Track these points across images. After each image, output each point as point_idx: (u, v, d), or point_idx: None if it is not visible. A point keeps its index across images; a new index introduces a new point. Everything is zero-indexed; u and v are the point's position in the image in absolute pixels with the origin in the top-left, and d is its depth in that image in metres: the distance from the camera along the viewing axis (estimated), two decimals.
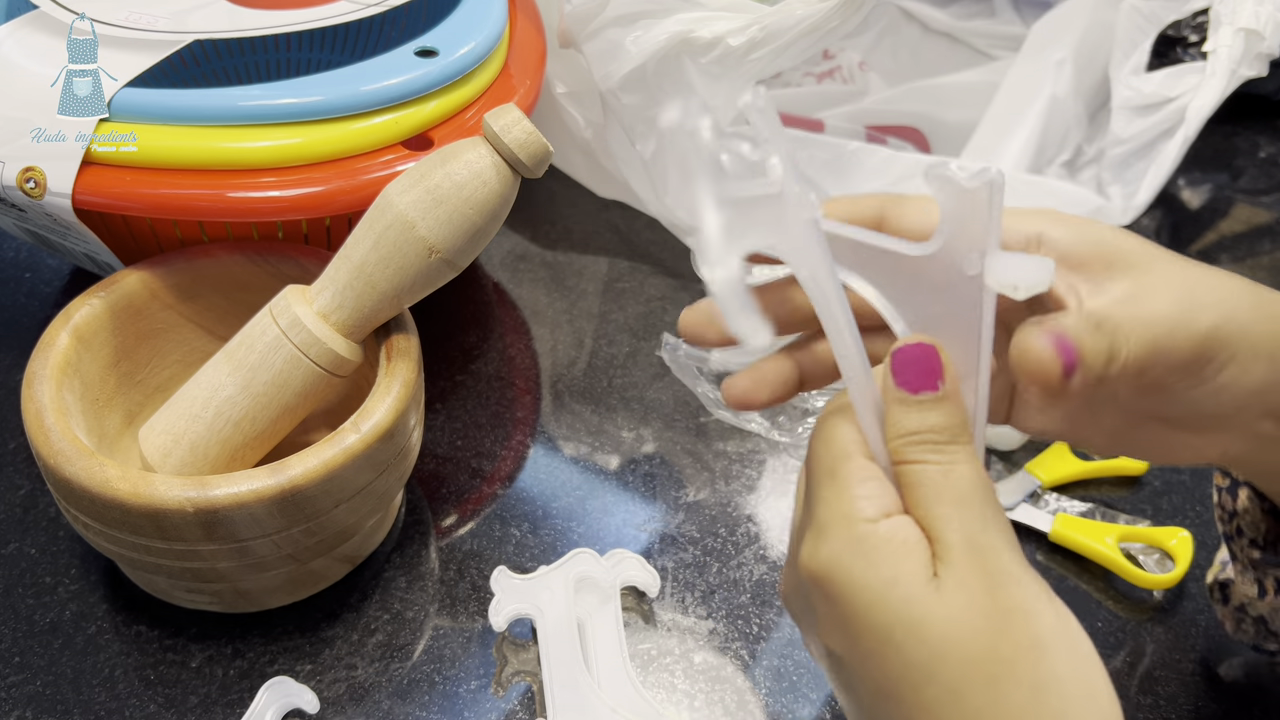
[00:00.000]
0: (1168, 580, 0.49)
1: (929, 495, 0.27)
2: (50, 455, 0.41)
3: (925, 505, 0.27)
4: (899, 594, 0.26)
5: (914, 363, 0.28)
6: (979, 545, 0.27)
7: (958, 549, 0.27)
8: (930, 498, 0.27)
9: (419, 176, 0.43)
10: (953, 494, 0.27)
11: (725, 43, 0.56)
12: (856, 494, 0.28)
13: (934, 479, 0.28)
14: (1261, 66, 0.60)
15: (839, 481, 0.28)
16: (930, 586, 0.26)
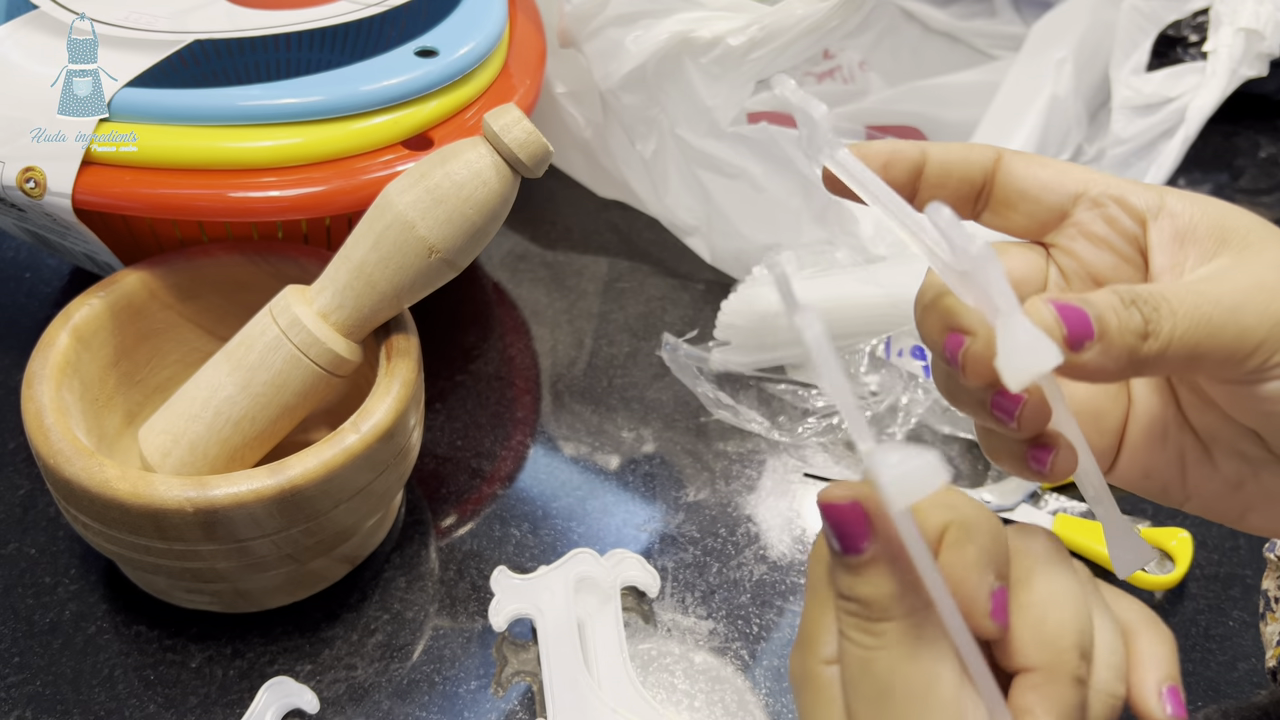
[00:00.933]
0: (1168, 581, 0.49)
1: (848, 679, 0.25)
2: (50, 455, 0.41)
3: (846, 689, 0.25)
4: None
5: (840, 520, 0.24)
6: None
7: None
8: (848, 683, 0.25)
9: (419, 176, 0.43)
10: (867, 689, 0.24)
11: (725, 42, 0.56)
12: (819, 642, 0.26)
13: (853, 664, 0.24)
14: (1262, 66, 0.60)
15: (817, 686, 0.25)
16: None
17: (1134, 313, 0.25)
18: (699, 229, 0.62)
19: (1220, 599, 0.49)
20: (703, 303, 0.62)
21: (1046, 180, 0.29)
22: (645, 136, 0.60)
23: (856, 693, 0.24)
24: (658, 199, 0.63)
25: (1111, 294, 0.25)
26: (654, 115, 0.59)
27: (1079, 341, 0.25)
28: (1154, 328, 0.25)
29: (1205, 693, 0.46)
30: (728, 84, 0.57)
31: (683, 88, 0.57)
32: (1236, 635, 0.48)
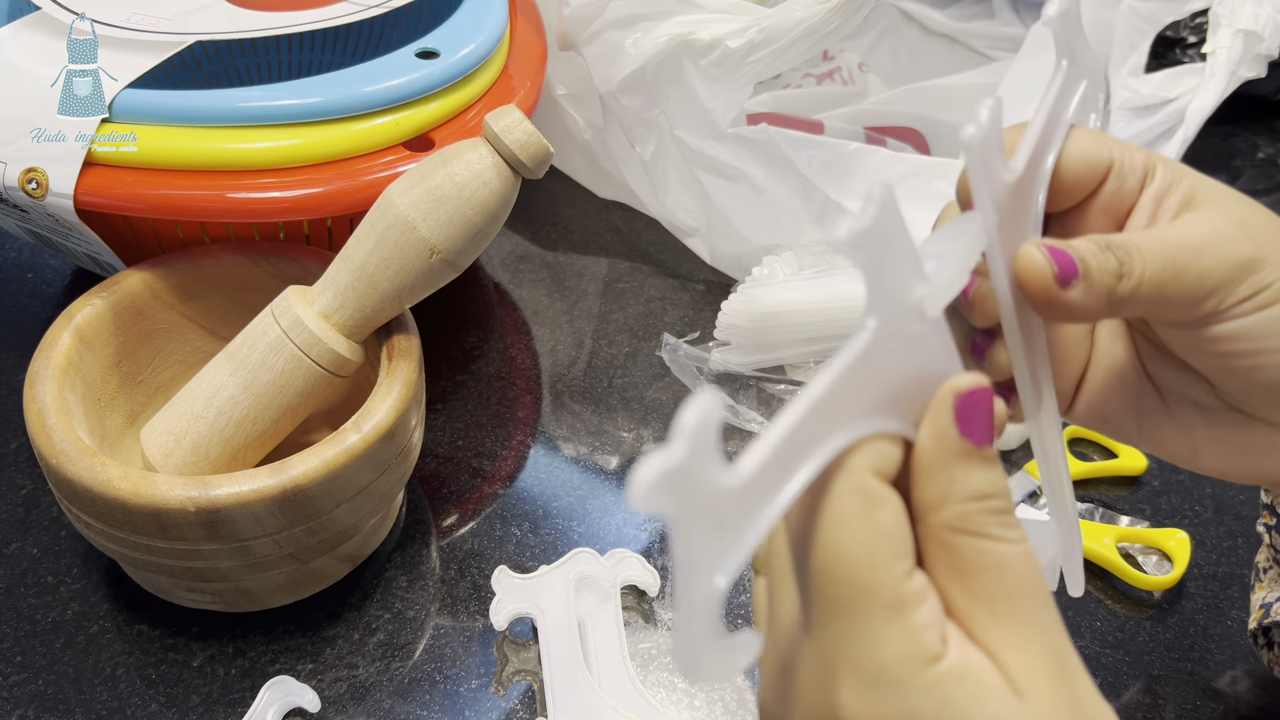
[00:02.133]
0: (1166, 581, 0.49)
1: (1007, 587, 0.23)
2: (52, 455, 0.41)
3: (1003, 600, 0.22)
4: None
5: (982, 409, 0.24)
6: (1060, 654, 0.23)
7: (1040, 663, 0.22)
8: (1010, 590, 0.23)
9: (420, 177, 0.43)
10: (1029, 587, 0.23)
11: (724, 45, 0.56)
12: (922, 625, 0.22)
13: (1014, 565, 0.23)
14: (1260, 68, 0.61)
15: (901, 613, 0.22)
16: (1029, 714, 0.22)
17: (1110, 256, 0.28)
18: (699, 230, 0.62)
19: (1218, 599, 0.49)
20: (703, 303, 0.62)
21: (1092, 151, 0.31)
22: (645, 138, 0.60)
23: (1026, 598, 0.22)
24: (657, 200, 0.63)
25: (1088, 241, 0.28)
26: (653, 117, 0.59)
27: (1067, 279, 0.27)
28: (1127, 269, 0.28)
29: (1204, 692, 0.46)
30: (727, 86, 0.57)
31: (682, 90, 0.57)
32: (1235, 635, 0.48)
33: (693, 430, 0.20)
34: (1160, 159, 0.31)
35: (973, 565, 0.23)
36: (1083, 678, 0.23)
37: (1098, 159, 0.30)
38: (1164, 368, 0.32)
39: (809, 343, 0.56)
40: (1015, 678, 0.22)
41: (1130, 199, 0.30)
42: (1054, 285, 0.27)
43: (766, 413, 0.56)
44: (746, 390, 0.57)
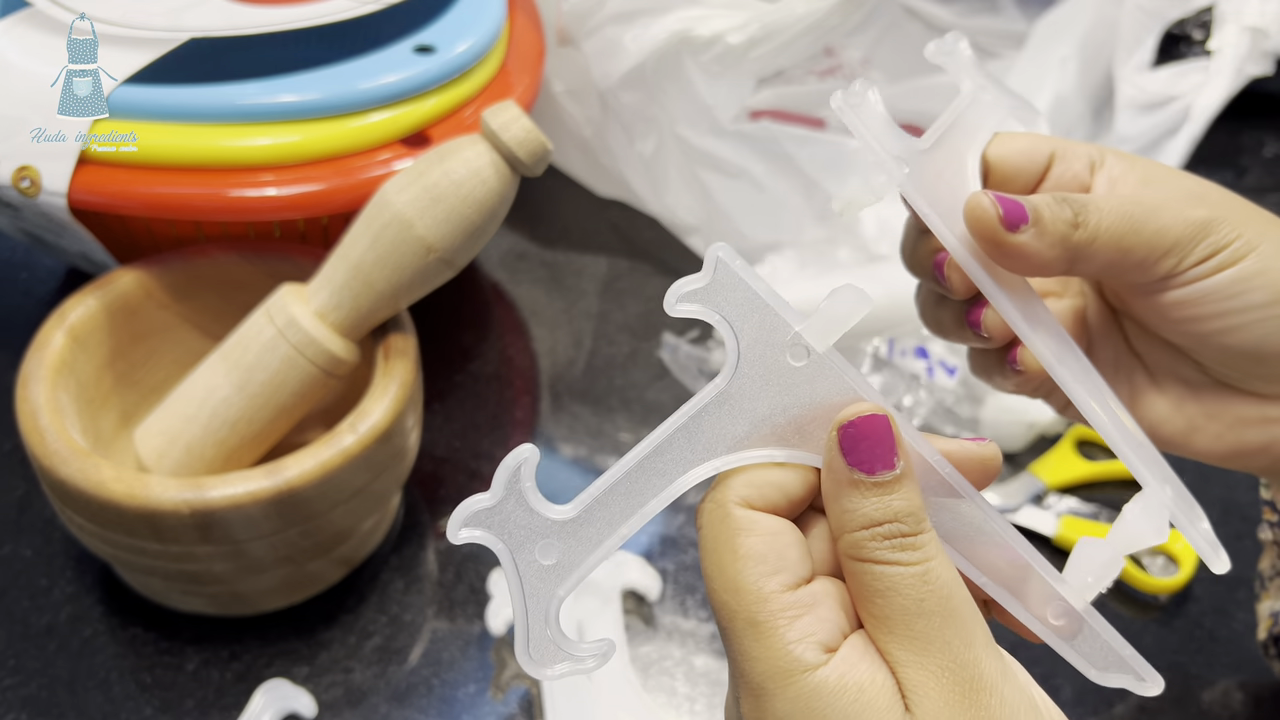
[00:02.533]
0: (1173, 584, 0.49)
1: (900, 608, 0.23)
2: (45, 456, 0.40)
3: (898, 620, 0.23)
4: None
5: (868, 437, 0.24)
6: (965, 671, 0.23)
7: (935, 681, 0.23)
8: (903, 610, 0.23)
9: (417, 174, 0.42)
10: (927, 607, 0.23)
11: (725, 40, 0.55)
12: (789, 640, 0.23)
13: (904, 588, 0.23)
14: (1267, 64, 0.60)
15: (763, 630, 0.23)
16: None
17: (1065, 207, 0.29)
18: (699, 228, 0.62)
19: (1225, 601, 0.49)
20: None
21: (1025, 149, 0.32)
22: (645, 135, 0.60)
23: (922, 618, 0.23)
24: (657, 198, 0.62)
25: (1043, 194, 0.29)
26: (653, 114, 0.59)
27: (1014, 224, 0.28)
28: (1083, 219, 0.29)
29: (1211, 696, 0.45)
30: (728, 82, 0.57)
31: (682, 86, 0.57)
32: (1242, 638, 0.48)
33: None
34: (1111, 152, 0.32)
35: (867, 589, 0.24)
36: (995, 694, 0.23)
37: (1034, 150, 0.31)
38: (1149, 346, 0.33)
39: None
40: (910, 693, 0.23)
41: (1082, 184, 0.31)
42: (1000, 228, 0.28)
43: None
44: None
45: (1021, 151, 0.31)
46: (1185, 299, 0.30)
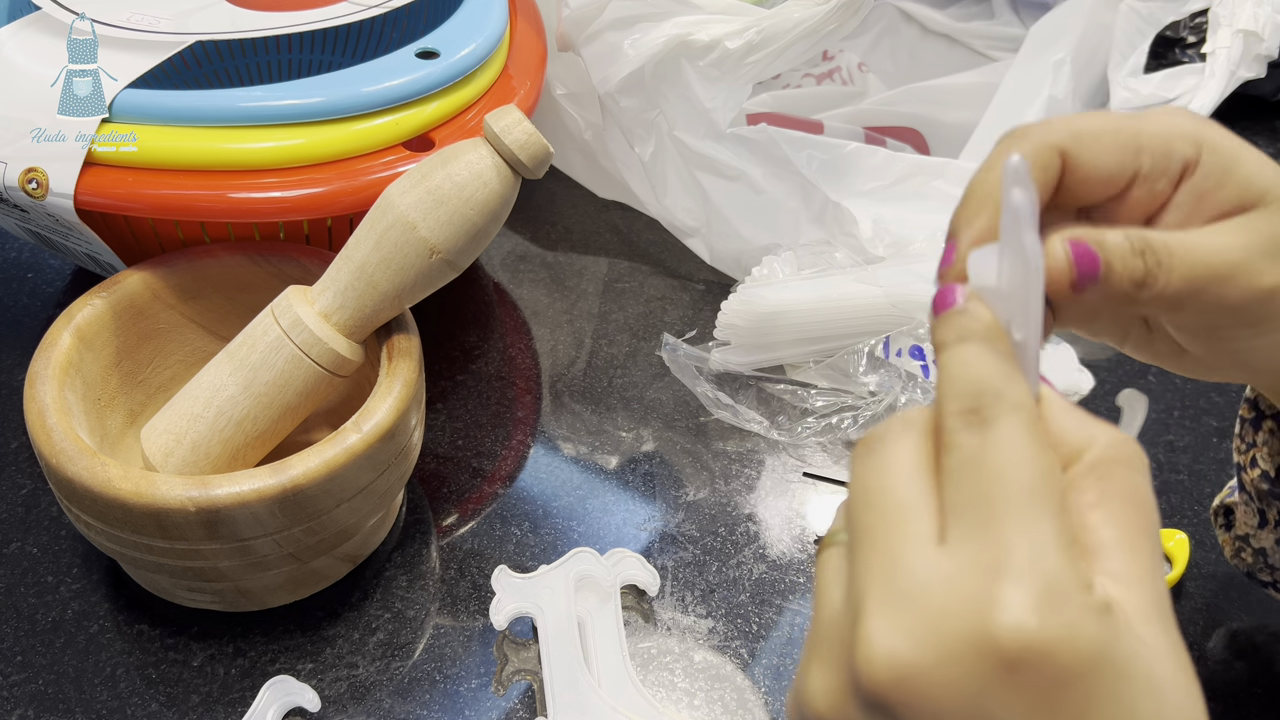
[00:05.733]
0: (1168, 580, 0.49)
1: (1120, 501, 0.23)
2: (52, 455, 0.41)
3: (1110, 514, 0.23)
4: (1140, 668, 0.22)
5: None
6: (1156, 576, 0.23)
7: (1151, 597, 0.23)
8: (1120, 504, 0.23)
9: (420, 177, 0.43)
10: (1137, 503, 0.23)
11: (723, 45, 0.56)
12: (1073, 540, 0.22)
13: (1131, 486, 0.23)
14: (1260, 68, 0.61)
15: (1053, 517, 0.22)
16: (1144, 645, 0.22)
17: (1139, 263, 0.27)
18: (698, 230, 0.63)
19: (1218, 599, 0.49)
20: (703, 303, 0.62)
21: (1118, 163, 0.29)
22: (644, 139, 0.60)
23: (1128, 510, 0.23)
24: (657, 200, 0.63)
25: (1124, 238, 0.27)
26: (652, 118, 0.59)
27: (1084, 285, 0.27)
28: (1151, 279, 0.27)
29: (1206, 687, 0.46)
30: (726, 87, 0.57)
31: (681, 91, 0.57)
32: (1235, 635, 0.48)
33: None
34: (1208, 145, 0.29)
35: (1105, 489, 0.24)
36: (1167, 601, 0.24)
37: (1119, 171, 0.29)
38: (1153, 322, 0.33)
39: (809, 343, 0.56)
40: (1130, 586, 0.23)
41: (1162, 198, 0.29)
42: (1067, 287, 0.27)
43: (766, 412, 0.56)
44: (746, 390, 0.57)
45: (1105, 173, 0.29)
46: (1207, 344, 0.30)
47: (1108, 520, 0.23)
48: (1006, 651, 0.21)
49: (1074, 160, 0.28)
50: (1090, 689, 0.21)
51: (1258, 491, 0.38)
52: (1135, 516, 0.23)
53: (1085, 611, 0.21)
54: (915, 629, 0.21)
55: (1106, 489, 0.23)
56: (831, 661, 0.23)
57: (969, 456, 0.23)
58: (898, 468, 0.24)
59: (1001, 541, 0.22)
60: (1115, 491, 0.23)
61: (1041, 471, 0.22)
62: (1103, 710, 0.21)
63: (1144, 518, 0.23)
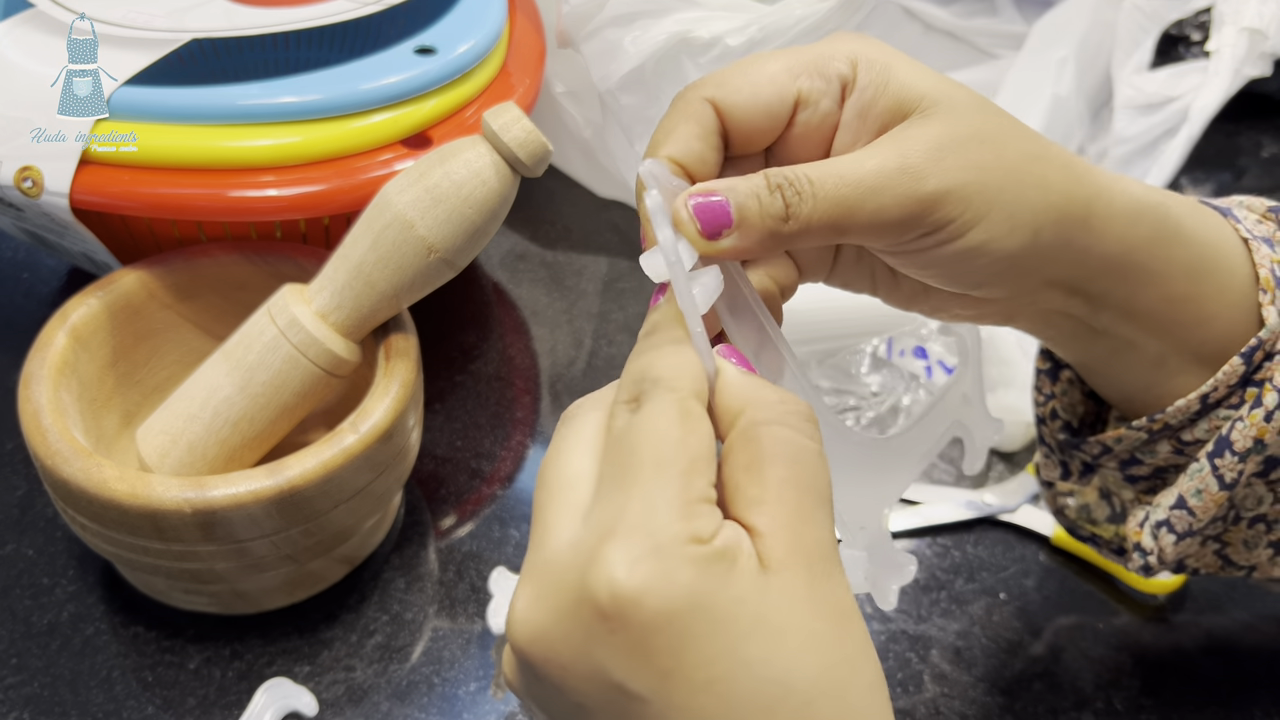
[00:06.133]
0: (1170, 584, 0.49)
1: (765, 459, 0.25)
2: (47, 456, 0.40)
3: (756, 472, 0.25)
4: (747, 611, 0.23)
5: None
6: (805, 524, 0.25)
7: (796, 544, 0.24)
8: (765, 461, 0.25)
9: (418, 175, 0.42)
10: (784, 458, 0.25)
11: (724, 42, 0.55)
12: (696, 500, 0.24)
13: (778, 443, 0.25)
14: (1265, 66, 0.60)
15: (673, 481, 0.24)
16: (767, 591, 0.23)
17: (776, 198, 0.28)
18: None
19: (1222, 601, 0.49)
20: None
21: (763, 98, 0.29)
22: (644, 137, 0.60)
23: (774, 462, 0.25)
24: None
25: (760, 178, 0.28)
26: (653, 115, 0.59)
27: (715, 233, 0.28)
28: (794, 210, 0.28)
29: (1208, 696, 0.46)
30: None
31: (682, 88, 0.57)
32: (1239, 637, 0.48)
33: None
34: (863, 60, 0.29)
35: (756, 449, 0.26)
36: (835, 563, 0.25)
37: (777, 101, 0.29)
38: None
39: (809, 342, 0.56)
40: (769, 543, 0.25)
41: (832, 119, 0.30)
42: (700, 239, 0.28)
43: None
44: None
45: (763, 108, 0.29)
46: (910, 263, 0.30)
47: (755, 480, 0.25)
48: (599, 602, 0.23)
49: (726, 103, 0.29)
50: (682, 631, 0.23)
51: (1058, 443, 0.38)
52: (781, 470, 0.25)
53: (683, 562, 0.23)
54: (541, 592, 0.24)
55: (754, 450, 0.25)
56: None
57: (619, 433, 0.25)
58: (575, 443, 0.26)
59: (620, 505, 0.24)
60: (763, 451, 0.25)
61: (673, 441, 0.24)
62: (698, 651, 0.23)
63: (791, 469, 0.25)
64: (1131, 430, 0.34)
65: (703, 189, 0.28)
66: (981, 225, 0.28)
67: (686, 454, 0.24)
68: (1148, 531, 0.35)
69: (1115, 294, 0.31)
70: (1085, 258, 0.30)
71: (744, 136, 0.30)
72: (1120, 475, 0.37)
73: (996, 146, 0.29)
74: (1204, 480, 0.33)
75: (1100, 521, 0.40)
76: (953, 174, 0.28)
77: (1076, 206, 0.30)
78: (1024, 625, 0.47)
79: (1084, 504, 0.40)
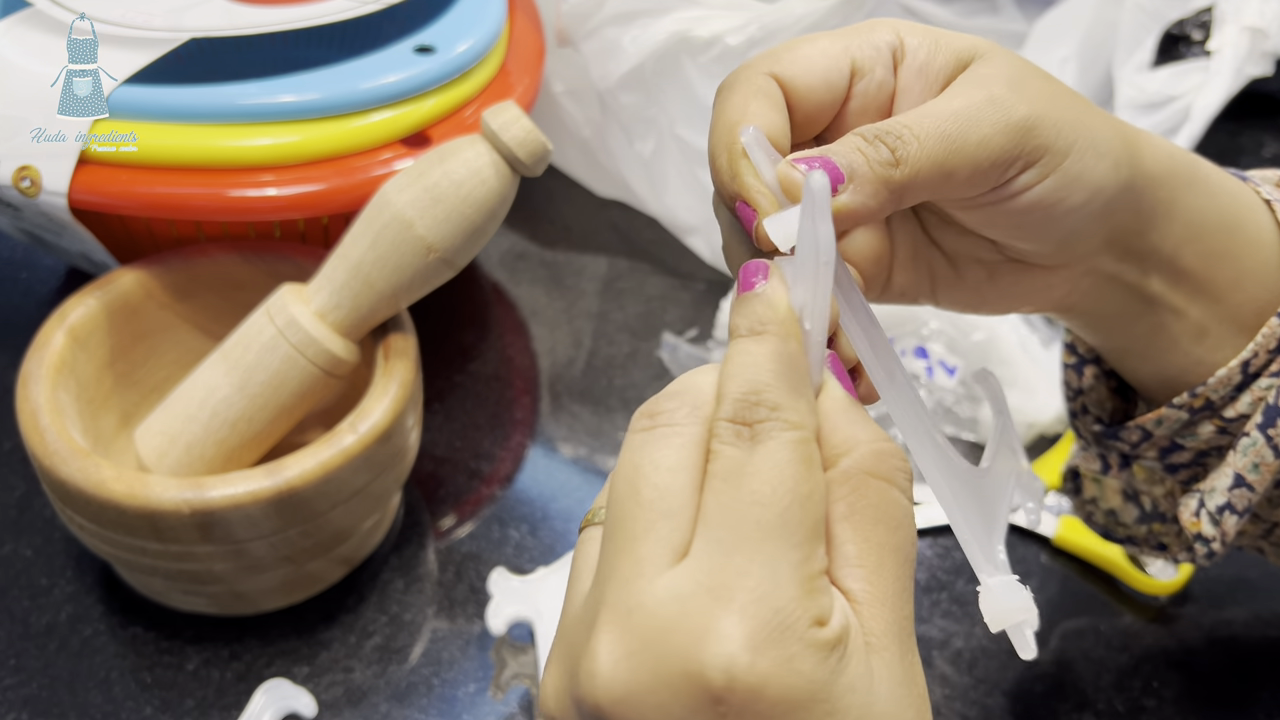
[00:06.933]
0: (1172, 585, 0.49)
1: (869, 518, 0.23)
2: (45, 456, 0.40)
3: (857, 528, 0.23)
4: (857, 701, 0.21)
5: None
6: (901, 597, 0.23)
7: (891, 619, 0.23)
8: (869, 520, 0.23)
9: (417, 175, 0.42)
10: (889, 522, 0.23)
11: (724, 41, 0.55)
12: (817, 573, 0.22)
13: (886, 503, 0.23)
14: (1267, 65, 0.60)
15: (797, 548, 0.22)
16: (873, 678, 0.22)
17: (880, 146, 0.26)
18: (699, 228, 0.62)
19: (1224, 602, 0.49)
20: (703, 303, 0.62)
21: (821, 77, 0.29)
22: (644, 136, 0.60)
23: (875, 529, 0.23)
24: (657, 198, 0.62)
25: (853, 136, 0.26)
26: (653, 114, 0.59)
27: (831, 188, 0.25)
28: (901, 154, 0.26)
29: (1210, 697, 0.46)
30: None
31: (681, 87, 0.57)
32: (1241, 637, 0.48)
33: None
34: (904, 28, 0.29)
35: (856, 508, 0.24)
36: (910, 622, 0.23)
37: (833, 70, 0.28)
38: (948, 234, 0.32)
39: None
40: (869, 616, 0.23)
41: (888, 87, 0.29)
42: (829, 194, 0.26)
43: None
44: None
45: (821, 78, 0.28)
46: (1010, 208, 0.29)
47: (854, 536, 0.23)
48: (712, 683, 0.20)
49: (787, 75, 0.28)
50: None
51: (1094, 435, 0.38)
52: (884, 534, 0.23)
53: (805, 649, 0.21)
54: (635, 649, 0.21)
55: (856, 502, 0.23)
56: (564, 663, 0.23)
57: (731, 469, 0.22)
58: (674, 462, 0.23)
59: (736, 568, 0.21)
60: (866, 506, 0.23)
61: (800, 499, 0.22)
62: None
63: (893, 535, 0.23)
64: (1172, 409, 0.34)
65: (800, 156, 0.26)
66: (1074, 154, 0.28)
67: (811, 516, 0.22)
68: (1206, 519, 0.34)
69: (1162, 250, 0.31)
70: (1140, 202, 0.30)
71: (807, 113, 0.28)
72: (1160, 465, 0.36)
73: (1057, 83, 0.29)
74: (1259, 453, 0.33)
75: (1130, 524, 0.39)
76: (1037, 102, 0.27)
77: (1130, 146, 0.29)
78: None
79: (1110, 509, 0.40)
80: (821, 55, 0.28)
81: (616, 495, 0.23)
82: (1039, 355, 0.55)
